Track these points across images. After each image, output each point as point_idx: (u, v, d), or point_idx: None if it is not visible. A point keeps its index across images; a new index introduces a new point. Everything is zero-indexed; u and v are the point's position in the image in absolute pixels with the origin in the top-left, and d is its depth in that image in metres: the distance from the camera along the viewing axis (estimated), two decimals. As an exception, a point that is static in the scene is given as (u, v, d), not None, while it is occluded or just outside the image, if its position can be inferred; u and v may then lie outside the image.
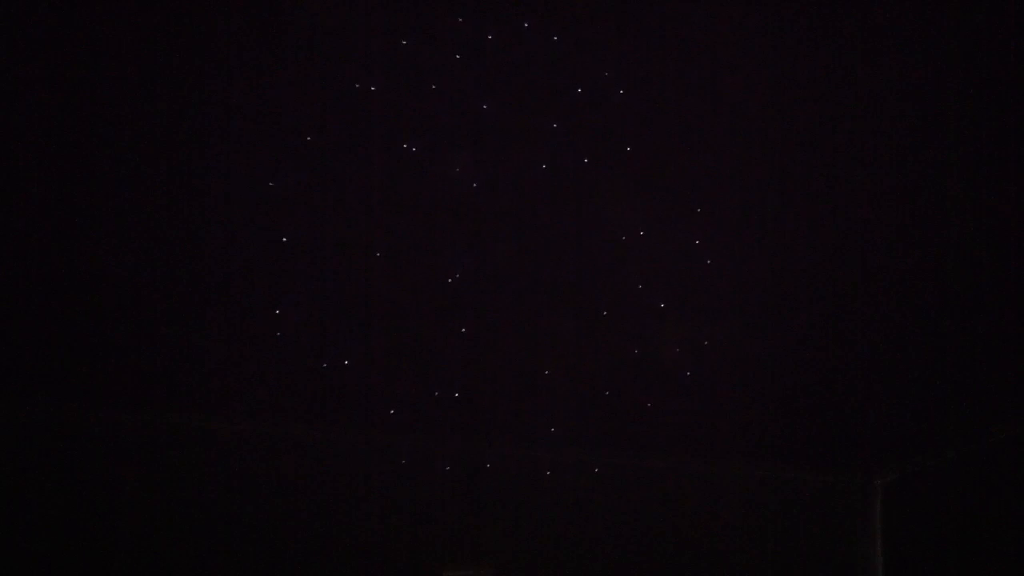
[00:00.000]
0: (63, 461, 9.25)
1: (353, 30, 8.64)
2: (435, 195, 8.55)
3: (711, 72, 9.11)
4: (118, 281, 9.93)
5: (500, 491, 8.50)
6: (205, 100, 9.77)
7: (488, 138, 8.50)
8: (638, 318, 8.78)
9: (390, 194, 8.60)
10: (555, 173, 8.59)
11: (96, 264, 9.97)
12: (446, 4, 8.51)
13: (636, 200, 8.74)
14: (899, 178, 9.25)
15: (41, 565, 9.26)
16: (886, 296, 9.23)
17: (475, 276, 8.58)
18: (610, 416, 8.68)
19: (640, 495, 8.32)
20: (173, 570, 8.98)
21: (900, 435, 8.93)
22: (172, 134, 9.84)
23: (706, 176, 9.13)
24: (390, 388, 8.56)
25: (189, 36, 9.82)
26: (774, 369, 9.15)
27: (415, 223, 8.57)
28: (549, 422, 8.56)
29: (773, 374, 9.14)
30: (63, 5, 10.09)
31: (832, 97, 9.21)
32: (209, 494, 8.92)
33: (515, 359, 8.65)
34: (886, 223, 9.26)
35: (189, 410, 9.27)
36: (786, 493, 7.98)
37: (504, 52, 8.51)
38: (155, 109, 9.90)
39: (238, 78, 9.59)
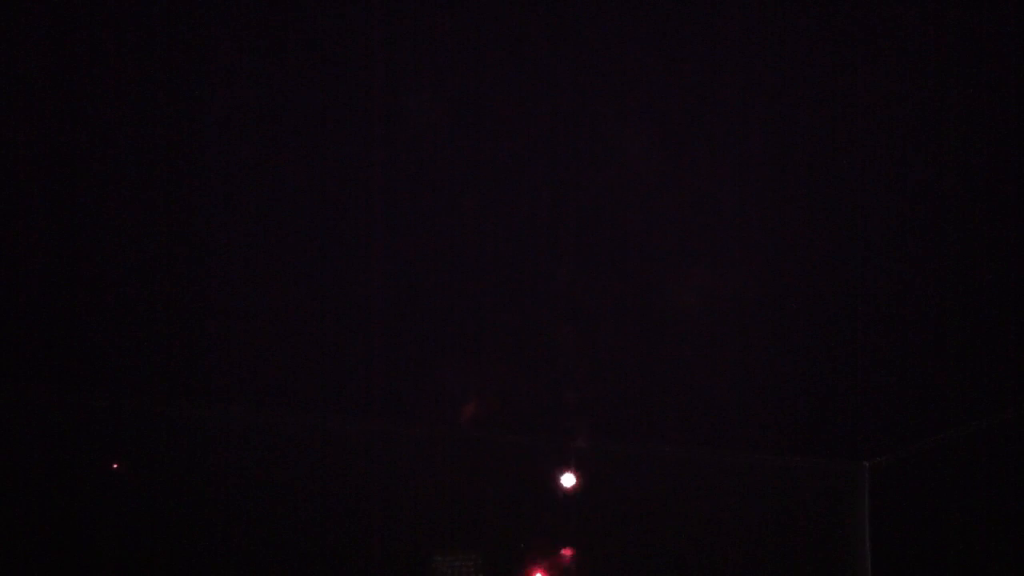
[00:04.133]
0: (65, 450, 9.22)
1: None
2: (433, 182, 8.54)
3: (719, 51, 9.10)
4: (119, 271, 9.92)
5: (499, 479, 8.46)
6: (205, 100, 9.76)
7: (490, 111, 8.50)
8: (641, 317, 8.76)
9: (391, 174, 8.59)
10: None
11: (97, 254, 9.97)
12: None
13: (630, 188, 8.74)
14: (893, 172, 9.25)
15: (43, 554, 9.21)
16: (878, 290, 9.25)
17: (474, 268, 8.56)
18: (615, 407, 8.66)
19: (638, 480, 8.30)
20: (170, 560, 8.94)
21: (889, 421, 8.93)
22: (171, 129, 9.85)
23: (703, 174, 9.11)
24: (387, 377, 8.54)
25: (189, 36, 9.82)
26: (770, 359, 9.15)
27: (414, 212, 8.56)
28: (554, 412, 8.54)
29: (769, 364, 9.14)
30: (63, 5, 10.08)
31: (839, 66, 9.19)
32: (206, 481, 8.88)
33: (517, 357, 8.63)
34: (879, 220, 9.26)
35: (189, 399, 9.25)
36: (779, 476, 7.99)
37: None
38: (156, 108, 9.90)
39: (239, 77, 9.59)
